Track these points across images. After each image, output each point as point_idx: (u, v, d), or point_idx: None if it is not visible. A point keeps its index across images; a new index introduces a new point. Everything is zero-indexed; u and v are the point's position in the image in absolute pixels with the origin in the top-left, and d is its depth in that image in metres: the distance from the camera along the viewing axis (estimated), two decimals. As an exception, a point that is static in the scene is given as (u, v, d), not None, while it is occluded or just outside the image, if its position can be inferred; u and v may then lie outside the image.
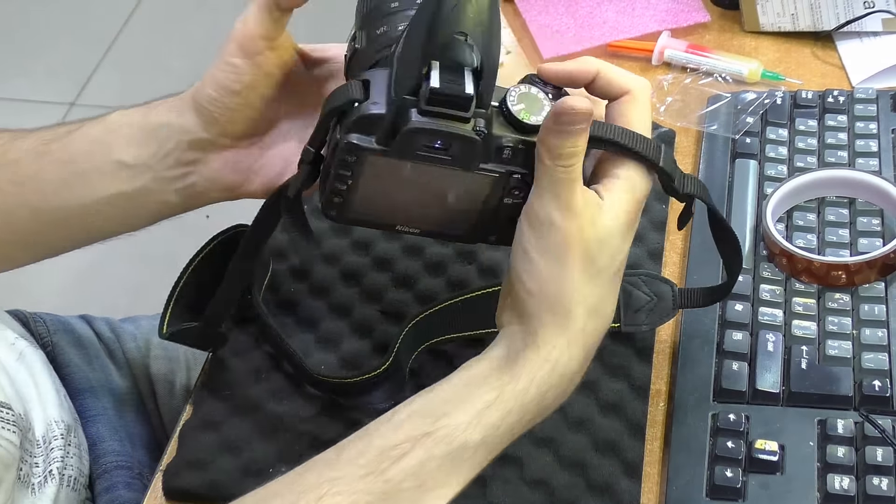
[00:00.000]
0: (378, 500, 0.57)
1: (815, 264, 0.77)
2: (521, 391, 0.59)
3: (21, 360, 0.86)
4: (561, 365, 0.60)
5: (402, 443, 0.58)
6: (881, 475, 0.67)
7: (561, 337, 0.60)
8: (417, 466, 0.58)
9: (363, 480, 0.57)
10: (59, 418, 0.83)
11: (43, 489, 0.78)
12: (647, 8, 1.03)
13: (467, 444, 0.58)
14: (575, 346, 0.60)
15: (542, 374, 0.60)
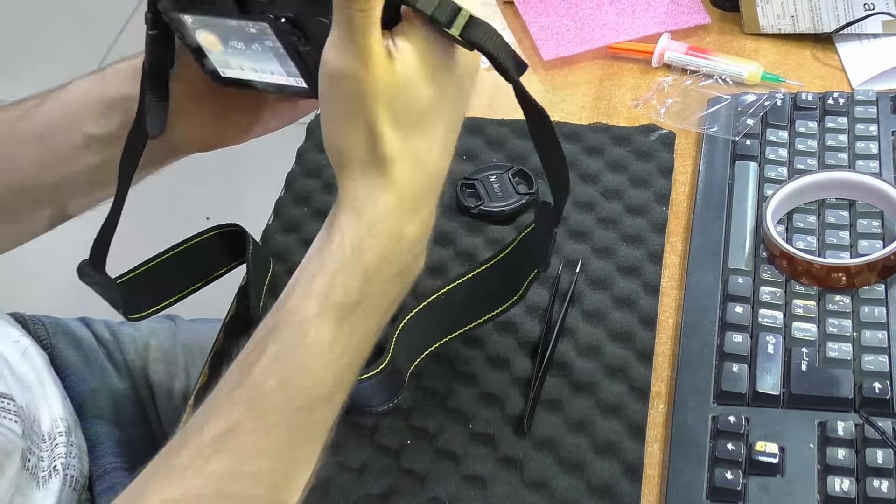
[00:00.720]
0: (249, 408, 0.56)
1: (816, 266, 0.77)
2: (337, 250, 0.57)
3: (25, 356, 0.86)
4: (367, 212, 0.57)
5: (255, 347, 0.57)
6: (881, 477, 0.67)
7: (360, 185, 0.57)
8: (271, 361, 0.56)
9: (230, 397, 0.56)
10: (62, 416, 0.83)
11: (48, 484, 0.78)
12: (647, 10, 1.03)
13: (306, 319, 0.56)
14: (381, 193, 0.57)
15: (350, 227, 0.57)
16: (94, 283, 0.77)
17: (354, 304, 0.57)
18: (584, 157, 0.91)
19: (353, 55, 0.55)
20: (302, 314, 0.57)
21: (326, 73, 0.57)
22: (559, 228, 0.86)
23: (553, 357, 0.77)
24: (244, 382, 0.56)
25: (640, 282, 0.81)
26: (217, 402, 0.57)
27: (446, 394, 0.77)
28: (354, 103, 0.56)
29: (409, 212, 0.58)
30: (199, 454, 0.55)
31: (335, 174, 0.59)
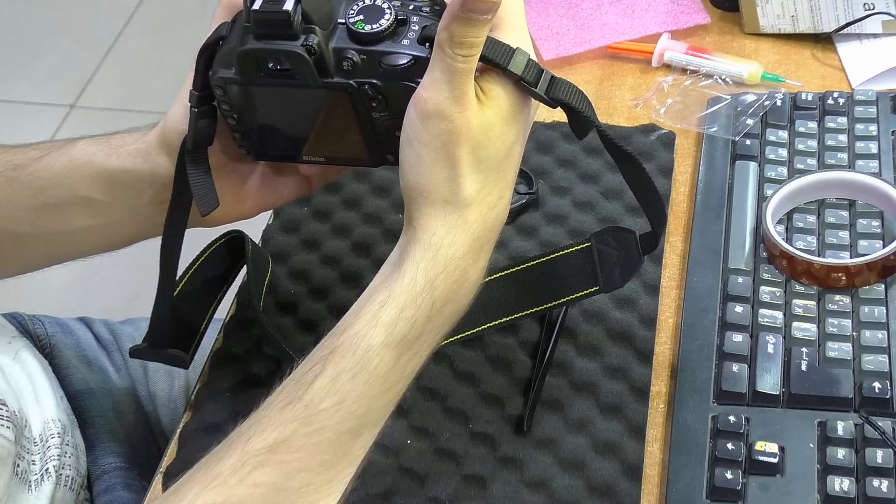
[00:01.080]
0: (302, 425, 0.57)
1: (815, 266, 0.77)
2: (409, 284, 0.59)
3: (17, 359, 0.86)
4: (444, 250, 0.60)
5: (314, 366, 0.59)
6: (881, 477, 0.67)
7: (440, 224, 0.60)
8: (330, 383, 0.58)
9: (284, 412, 0.58)
10: (55, 417, 0.83)
11: (40, 487, 0.78)
12: (647, 10, 1.03)
13: (371, 347, 0.58)
14: (458, 234, 0.60)
15: (425, 262, 0.59)
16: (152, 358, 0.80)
17: (416, 338, 0.60)
18: (583, 157, 0.91)
19: (450, 98, 0.58)
20: (367, 342, 0.59)
21: (421, 112, 0.59)
22: (561, 228, 0.86)
23: (553, 357, 0.77)
24: (300, 399, 0.58)
25: (640, 282, 0.81)
26: (268, 415, 0.58)
27: (446, 394, 0.77)
28: (443, 144, 0.59)
29: (475, 255, 0.61)
30: (244, 463, 0.56)
31: (409, 209, 0.61)
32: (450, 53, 0.58)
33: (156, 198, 0.72)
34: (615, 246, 0.72)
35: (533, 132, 0.92)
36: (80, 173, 0.72)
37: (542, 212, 0.87)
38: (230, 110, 0.66)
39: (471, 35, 0.58)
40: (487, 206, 0.61)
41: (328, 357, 0.59)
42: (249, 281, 0.82)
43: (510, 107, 0.60)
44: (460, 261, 0.60)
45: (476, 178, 0.60)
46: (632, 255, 0.72)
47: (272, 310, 0.83)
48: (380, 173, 0.92)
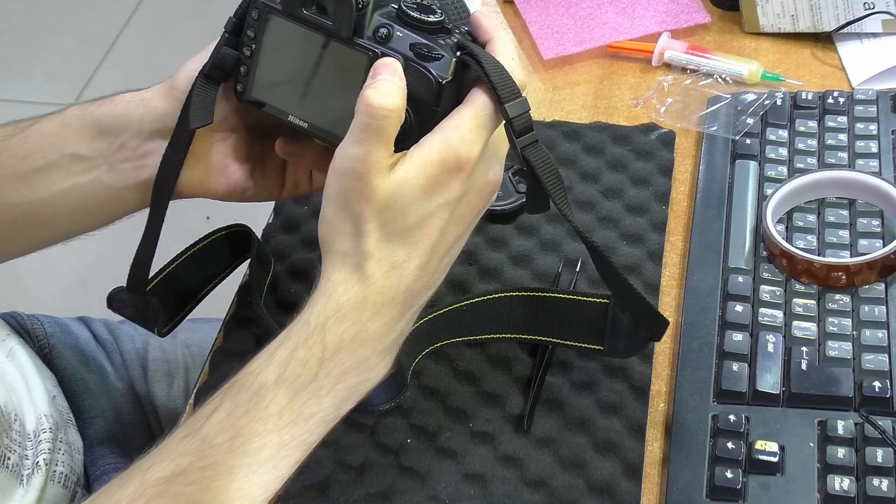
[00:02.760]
0: (197, 458, 0.58)
1: (816, 265, 0.77)
2: (303, 324, 0.61)
3: (11, 357, 0.86)
4: (336, 295, 0.61)
5: (213, 400, 0.60)
6: (881, 476, 0.67)
7: (337, 271, 0.61)
8: (226, 417, 0.59)
9: (182, 443, 0.58)
10: (48, 412, 0.83)
11: (31, 481, 0.78)
12: (647, 9, 1.03)
13: (264, 385, 0.59)
14: (352, 284, 0.61)
15: (319, 305, 0.61)
16: (127, 308, 0.79)
17: (309, 380, 0.60)
18: (583, 156, 0.91)
19: (359, 157, 0.59)
20: (261, 379, 0.60)
21: (333, 166, 0.61)
22: (560, 227, 0.86)
23: (553, 356, 0.77)
24: (198, 431, 0.59)
25: (640, 281, 0.81)
26: (168, 445, 0.59)
27: (446, 393, 0.76)
28: (346, 200, 0.60)
29: (374, 308, 0.61)
30: (142, 493, 0.57)
31: (322, 250, 0.62)
32: (364, 111, 0.59)
33: (137, 150, 0.72)
34: (630, 320, 0.72)
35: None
36: (69, 129, 0.73)
37: (542, 211, 0.87)
38: (253, 38, 0.67)
39: (383, 97, 0.59)
40: (389, 266, 0.61)
41: (227, 391, 0.60)
42: (252, 277, 0.82)
43: (433, 177, 0.60)
44: (352, 309, 0.61)
45: (377, 236, 0.61)
46: (640, 335, 0.73)
47: (272, 308, 0.83)
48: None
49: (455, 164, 0.60)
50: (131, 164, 0.72)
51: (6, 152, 0.74)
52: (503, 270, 0.83)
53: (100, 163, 0.73)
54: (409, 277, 0.62)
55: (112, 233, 0.80)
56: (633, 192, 0.87)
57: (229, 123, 0.73)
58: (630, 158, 0.90)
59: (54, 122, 0.74)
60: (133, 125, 0.71)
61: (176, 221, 0.75)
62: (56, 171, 0.73)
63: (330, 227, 0.62)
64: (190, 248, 0.81)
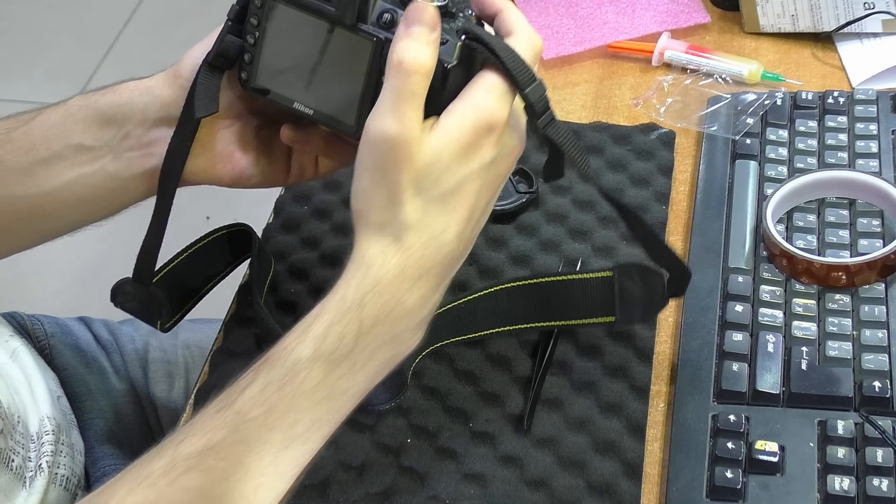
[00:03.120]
0: (230, 433, 0.57)
1: (816, 265, 0.77)
2: (339, 299, 0.60)
3: (14, 357, 0.86)
4: (374, 269, 0.60)
5: (247, 375, 0.59)
6: (881, 476, 0.67)
7: (374, 244, 0.60)
8: (260, 392, 0.58)
9: (214, 417, 0.58)
10: (51, 415, 0.83)
11: (34, 483, 0.78)
12: (647, 9, 1.03)
13: (300, 360, 0.59)
14: (391, 255, 0.60)
15: (356, 280, 0.60)
16: (131, 301, 0.79)
17: (345, 356, 0.60)
18: (584, 156, 0.91)
19: (393, 122, 0.58)
20: (295, 354, 0.59)
21: (365, 135, 0.60)
22: (561, 227, 0.86)
23: (553, 356, 0.77)
24: (231, 406, 0.58)
25: (640, 281, 0.81)
26: (200, 420, 0.59)
27: (446, 392, 0.76)
28: (382, 168, 0.59)
29: (412, 281, 0.61)
30: (174, 466, 0.57)
31: (354, 229, 0.61)
32: (395, 74, 0.58)
33: (142, 139, 0.71)
34: (640, 284, 0.72)
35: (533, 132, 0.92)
36: (73, 120, 0.72)
37: (542, 210, 0.87)
38: (256, 25, 0.67)
39: (414, 55, 0.58)
40: (428, 235, 0.61)
41: (260, 366, 0.59)
42: (252, 277, 0.82)
43: (467, 142, 0.60)
44: (391, 282, 0.60)
45: (415, 205, 0.60)
46: (656, 296, 0.72)
47: (272, 308, 0.83)
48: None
49: (486, 127, 0.60)
50: (137, 152, 0.72)
51: (10, 145, 0.74)
52: (503, 270, 0.83)
53: (105, 152, 0.72)
54: (447, 247, 0.61)
55: (112, 233, 0.80)
56: (633, 192, 0.87)
57: (234, 111, 0.72)
58: (630, 158, 0.90)
59: (58, 113, 0.73)
60: (137, 114, 0.71)
61: (176, 221, 0.75)
62: (61, 162, 0.73)
63: (365, 197, 0.60)
64: (190, 247, 0.81)
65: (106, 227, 0.78)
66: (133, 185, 0.74)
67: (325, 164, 0.76)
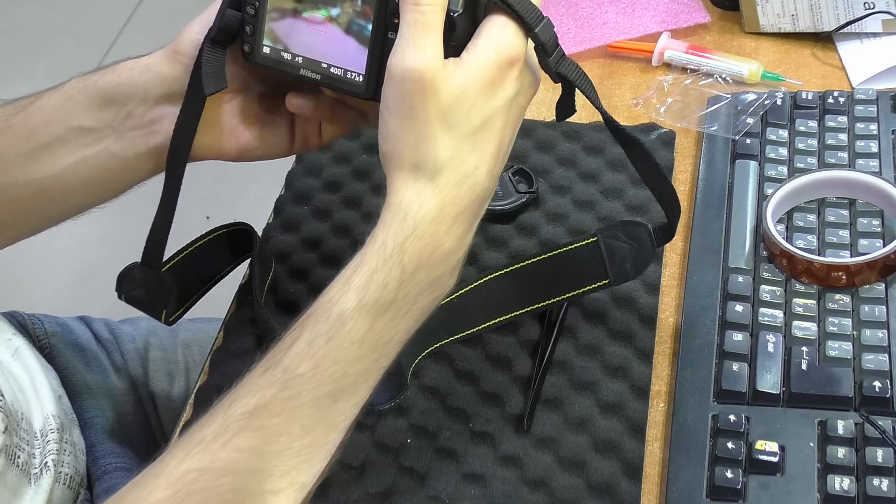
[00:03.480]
0: (280, 390, 0.58)
1: (816, 265, 0.77)
2: (380, 247, 0.59)
3: (17, 355, 0.86)
4: (413, 213, 0.59)
5: (292, 331, 0.59)
6: (881, 476, 0.67)
7: (409, 187, 0.60)
8: (306, 347, 0.58)
9: (263, 377, 0.58)
10: (55, 413, 0.83)
11: (39, 481, 0.78)
12: (647, 9, 1.03)
13: (345, 311, 0.59)
14: (427, 197, 0.60)
15: (395, 225, 0.59)
16: (138, 288, 0.78)
17: (390, 303, 0.60)
18: (583, 156, 0.91)
19: (414, 53, 0.58)
20: (340, 306, 0.59)
21: (390, 73, 0.59)
22: (561, 227, 0.86)
23: (553, 356, 0.77)
24: (279, 363, 0.58)
25: (640, 280, 0.81)
26: (249, 380, 0.59)
27: (446, 392, 0.76)
28: (410, 105, 0.59)
29: (449, 222, 0.60)
30: (226, 428, 0.57)
31: (386, 174, 0.61)
32: (410, 7, 0.58)
33: (145, 117, 0.71)
34: (625, 240, 0.72)
35: (533, 131, 0.92)
36: (73, 102, 0.72)
37: (543, 210, 0.87)
38: None
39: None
40: (462, 173, 0.60)
41: (304, 322, 0.59)
42: (253, 277, 0.82)
43: (491, 78, 0.60)
44: (430, 224, 0.60)
45: (446, 142, 0.59)
46: (645, 247, 0.72)
47: (272, 308, 0.83)
48: (380, 172, 0.91)
49: (508, 61, 0.60)
50: (140, 131, 0.72)
51: (9, 132, 0.73)
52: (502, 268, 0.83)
53: (107, 133, 0.72)
54: (480, 185, 0.61)
55: (112, 233, 0.80)
56: (633, 191, 0.87)
57: (236, 84, 0.72)
58: (630, 158, 0.90)
59: (56, 97, 0.73)
60: (139, 92, 0.71)
61: (176, 221, 0.75)
62: (63, 145, 0.73)
63: (394, 139, 0.60)
64: (190, 246, 0.80)
65: (105, 228, 0.79)
66: (138, 164, 0.73)
67: (330, 131, 0.76)
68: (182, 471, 0.56)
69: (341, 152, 0.94)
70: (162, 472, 0.57)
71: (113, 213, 0.83)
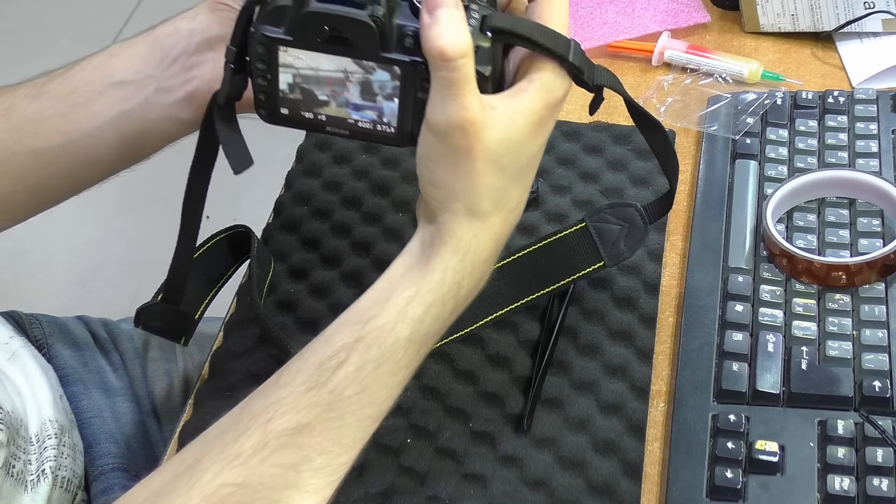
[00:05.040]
0: (325, 410, 0.58)
1: (816, 265, 0.77)
2: (438, 282, 0.61)
3: (14, 359, 0.85)
4: (471, 254, 0.61)
5: (337, 353, 0.60)
6: (881, 476, 0.67)
7: (468, 229, 0.61)
8: (356, 371, 0.59)
9: (307, 395, 0.59)
10: (53, 418, 0.83)
11: (37, 488, 0.78)
12: (647, 8, 1.03)
13: (398, 341, 0.60)
14: (482, 239, 0.62)
15: (453, 264, 0.61)
16: (157, 320, 0.80)
17: (436, 333, 0.62)
18: (583, 156, 0.91)
19: (455, 109, 0.58)
20: (394, 335, 0.60)
21: (432, 129, 0.59)
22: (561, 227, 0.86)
23: (553, 356, 0.77)
24: (324, 385, 0.59)
25: (640, 280, 0.81)
26: (288, 398, 0.59)
27: (446, 392, 0.76)
28: (459, 156, 0.59)
29: (496, 254, 0.64)
30: (266, 444, 0.57)
31: (433, 212, 0.61)
32: (441, 67, 0.58)
33: (186, 63, 0.73)
34: (615, 221, 0.74)
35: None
36: (116, 60, 0.73)
37: (543, 210, 0.87)
38: (266, 69, 0.64)
39: (452, 40, 0.57)
40: (509, 210, 0.62)
41: (353, 346, 0.60)
42: (252, 278, 0.82)
43: (538, 119, 0.61)
44: (484, 263, 0.62)
45: (497, 185, 0.60)
46: (636, 226, 0.74)
47: (272, 308, 0.83)
48: (380, 172, 0.92)
49: (555, 103, 0.61)
50: (180, 78, 0.73)
51: (44, 96, 0.74)
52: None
53: (148, 83, 0.73)
54: (519, 214, 0.64)
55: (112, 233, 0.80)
56: (633, 191, 0.87)
57: None
58: (630, 158, 0.90)
59: (99, 57, 0.74)
60: (183, 39, 0.72)
61: (176, 221, 0.75)
62: (101, 100, 0.73)
63: (444, 188, 0.60)
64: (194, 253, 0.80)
65: (105, 228, 0.79)
66: (175, 112, 0.74)
67: None
68: (218, 484, 0.56)
69: (341, 152, 0.94)
70: (195, 483, 0.57)
71: (113, 213, 0.83)
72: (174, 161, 0.79)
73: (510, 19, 0.61)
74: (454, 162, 0.59)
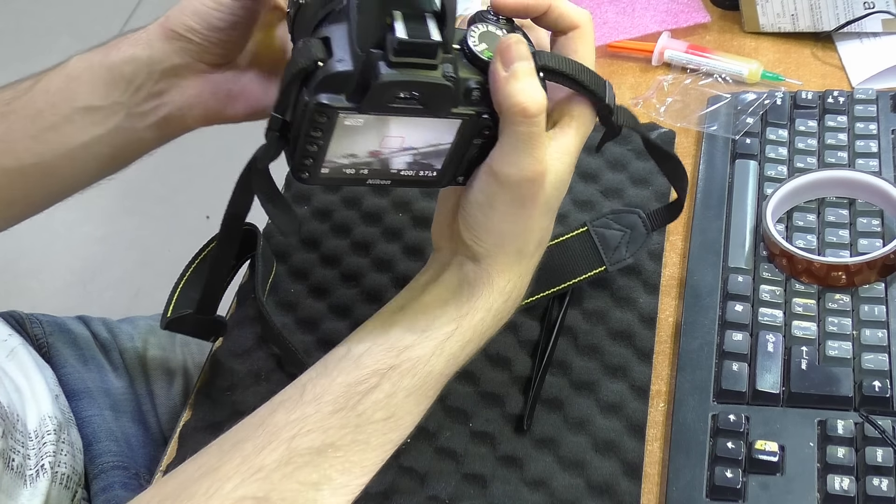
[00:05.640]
0: (352, 432, 0.59)
1: (815, 265, 0.77)
2: (479, 321, 0.62)
3: (12, 356, 0.86)
4: (515, 291, 0.63)
5: (368, 377, 0.60)
6: (881, 476, 0.67)
7: (514, 271, 0.63)
8: (386, 399, 0.60)
9: (335, 416, 0.59)
10: (51, 414, 0.83)
11: (36, 483, 0.78)
12: (647, 8, 1.03)
13: (431, 374, 0.61)
14: (526, 275, 0.64)
15: (497, 305, 0.63)
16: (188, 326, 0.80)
17: (464, 360, 0.64)
18: (583, 156, 0.90)
19: (530, 163, 0.59)
20: (429, 367, 0.61)
21: (501, 180, 0.59)
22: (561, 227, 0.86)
23: (553, 356, 0.77)
24: (353, 408, 0.60)
25: (640, 280, 0.81)
26: (314, 416, 0.59)
27: (446, 392, 0.76)
28: (522, 204, 0.60)
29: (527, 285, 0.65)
30: (289, 461, 0.58)
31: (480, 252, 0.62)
32: (520, 122, 0.57)
33: (153, 90, 0.72)
34: (617, 227, 0.75)
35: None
36: (78, 83, 0.73)
37: (542, 211, 0.87)
38: (320, 136, 0.59)
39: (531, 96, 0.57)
40: (544, 244, 0.64)
41: (386, 373, 0.60)
42: (256, 276, 0.82)
43: (577, 156, 0.62)
44: (521, 297, 0.64)
45: (545, 227, 0.63)
46: (639, 232, 0.76)
47: (272, 308, 0.83)
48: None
49: (585, 139, 0.63)
50: (150, 103, 0.73)
51: (12, 115, 0.74)
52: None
53: (117, 109, 0.73)
54: (548, 242, 0.65)
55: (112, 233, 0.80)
56: (633, 191, 0.87)
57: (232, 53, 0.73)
58: (630, 158, 0.90)
59: (59, 78, 0.74)
60: (144, 68, 0.72)
61: (176, 221, 0.75)
62: (70, 125, 0.73)
63: (498, 233, 0.61)
64: (199, 254, 0.80)
65: (105, 228, 0.79)
66: (148, 135, 0.75)
67: None
68: (239, 496, 0.57)
69: (341, 152, 0.94)
70: (215, 493, 0.57)
71: (113, 213, 0.83)
72: (174, 161, 0.80)
73: (558, 59, 0.61)
74: (516, 210, 0.61)
